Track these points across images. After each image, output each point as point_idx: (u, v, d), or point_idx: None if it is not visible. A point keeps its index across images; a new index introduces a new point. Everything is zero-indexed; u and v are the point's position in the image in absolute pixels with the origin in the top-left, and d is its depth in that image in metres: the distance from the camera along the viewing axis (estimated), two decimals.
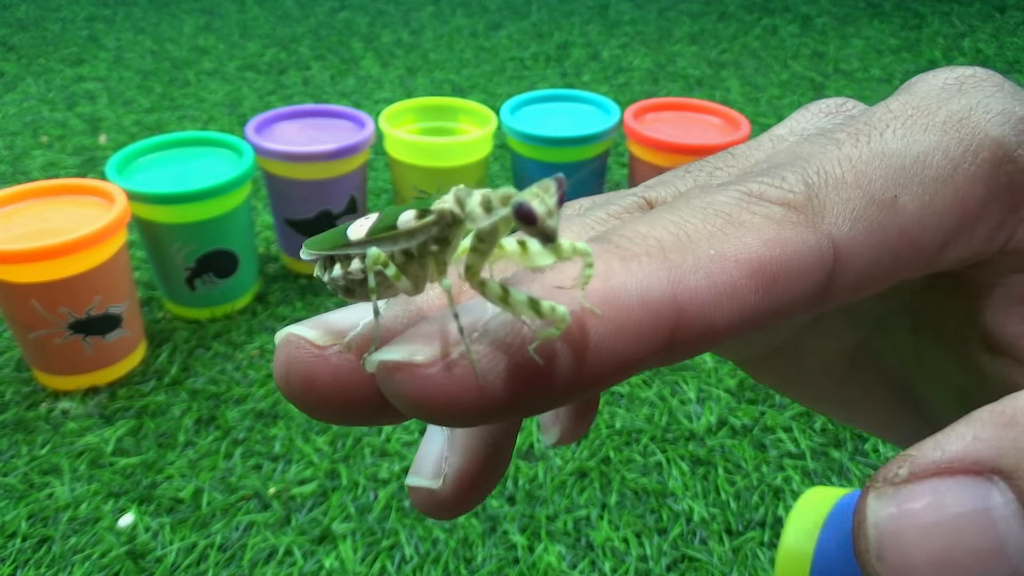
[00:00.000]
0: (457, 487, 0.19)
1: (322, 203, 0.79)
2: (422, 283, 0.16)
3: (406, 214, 0.15)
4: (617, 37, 1.58)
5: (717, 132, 0.84)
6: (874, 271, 0.15)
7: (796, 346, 0.23)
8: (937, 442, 0.13)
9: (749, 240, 0.14)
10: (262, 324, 0.76)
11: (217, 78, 1.33)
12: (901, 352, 0.22)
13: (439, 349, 0.13)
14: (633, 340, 0.13)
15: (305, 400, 0.15)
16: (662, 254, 0.14)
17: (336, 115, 0.86)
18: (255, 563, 0.53)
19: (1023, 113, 0.16)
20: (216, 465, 0.60)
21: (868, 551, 0.13)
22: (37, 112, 1.19)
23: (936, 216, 0.15)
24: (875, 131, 0.16)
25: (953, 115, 0.16)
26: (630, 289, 0.13)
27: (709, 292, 0.14)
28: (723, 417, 0.66)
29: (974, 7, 1.77)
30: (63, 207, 0.66)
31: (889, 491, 0.13)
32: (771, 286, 0.14)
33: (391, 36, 1.56)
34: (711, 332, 0.14)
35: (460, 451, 0.19)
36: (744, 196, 0.15)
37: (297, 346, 0.15)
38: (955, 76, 0.18)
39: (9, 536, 0.55)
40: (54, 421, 0.64)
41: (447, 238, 0.15)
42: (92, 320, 0.64)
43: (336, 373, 0.14)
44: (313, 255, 0.17)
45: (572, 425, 0.23)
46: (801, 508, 0.30)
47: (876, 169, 0.15)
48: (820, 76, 1.40)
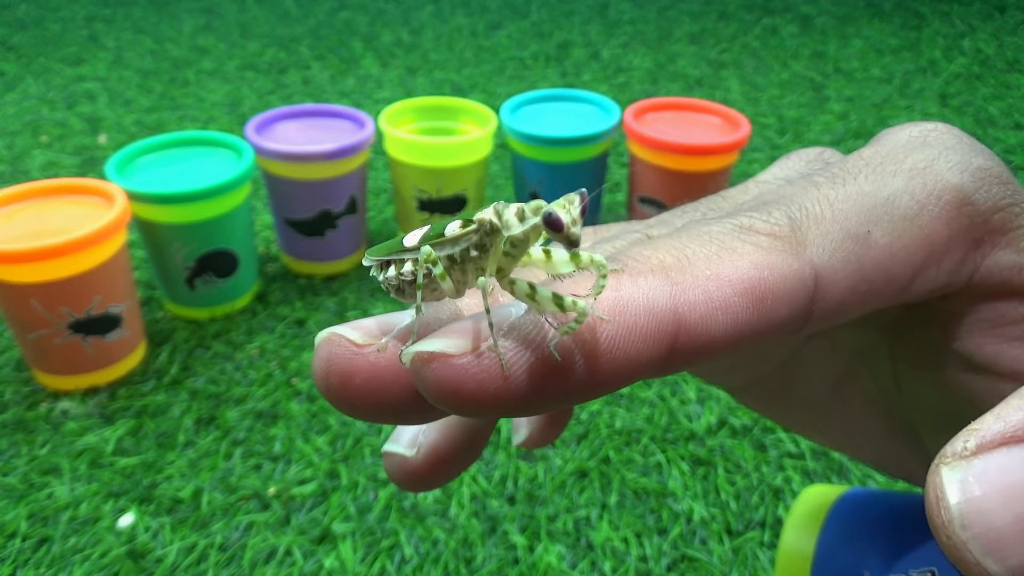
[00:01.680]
0: (428, 460, 0.21)
1: (322, 203, 0.79)
2: (463, 287, 0.18)
3: (452, 224, 0.17)
4: (617, 37, 1.58)
5: (717, 132, 0.84)
6: (851, 297, 0.17)
7: (782, 375, 0.25)
8: (998, 415, 0.14)
9: (740, 263, 0.16)
10: (262, 324, 0.76)
11: (217, 78, 1.33)
12: (881, 380, 0.23)
13: (470, 343, 0.14)
14: (640, 344, 0.15)
15: (343, 395, 0.16)
16: (665, 272, 0.16)
17: (336, 115, 0.86)
18: (255, 563, 0.53)
19: (979, 163, 0.18)
20: (216, 465, 0.60)
21: (951, 522, 0.14)
22: (37, 112, 1.19)
23: (905, 250, 0.17)
24: (849, 175, 0.18)
25: (918, 163, 0.18)
26: (637, 300, 0.15)
27: (706, 307, 0.15)
28: (723, 417, 0.66)
29: (974, 7, 1.77)
30: (63, 207, 0.66)
31: (961, 464, 0.14)
32: (760, 304, 0.16)
33: (391, 36, 1.56)
34: (708, 343, 0.15)
35: (437, 428, 0.21)
36: (736, 227, 0.17)
37: (338, 344, 0.16)
38: (919, 130, 0.20)
39: (9, 536, 0.54)
40: (54, 421, 0.64)
41: (486, 245, 0.17)
42: (92, 320, 0.64)
43: (373, 370, 0.16)
44: (373, 260, 0.19)
45: (543, 429, 0.25)
46: (801, 506, 0.30)
47: (851, 208, 0.17)
48: (820, 76, 1.40)
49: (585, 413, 0.66)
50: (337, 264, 0.84)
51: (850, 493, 0.29)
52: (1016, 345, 0.19)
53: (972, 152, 0.19)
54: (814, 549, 0.28)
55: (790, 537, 0.29)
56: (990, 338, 0.19)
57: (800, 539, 0.28)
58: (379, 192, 1.00)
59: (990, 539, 0.13)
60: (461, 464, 0.21)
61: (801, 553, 0.28)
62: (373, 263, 0.19)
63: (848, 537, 0.27)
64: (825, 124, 1.21)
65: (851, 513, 0.28)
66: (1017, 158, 1.12)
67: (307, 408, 0.66)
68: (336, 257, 0.83)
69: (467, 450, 0.21)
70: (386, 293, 0.20)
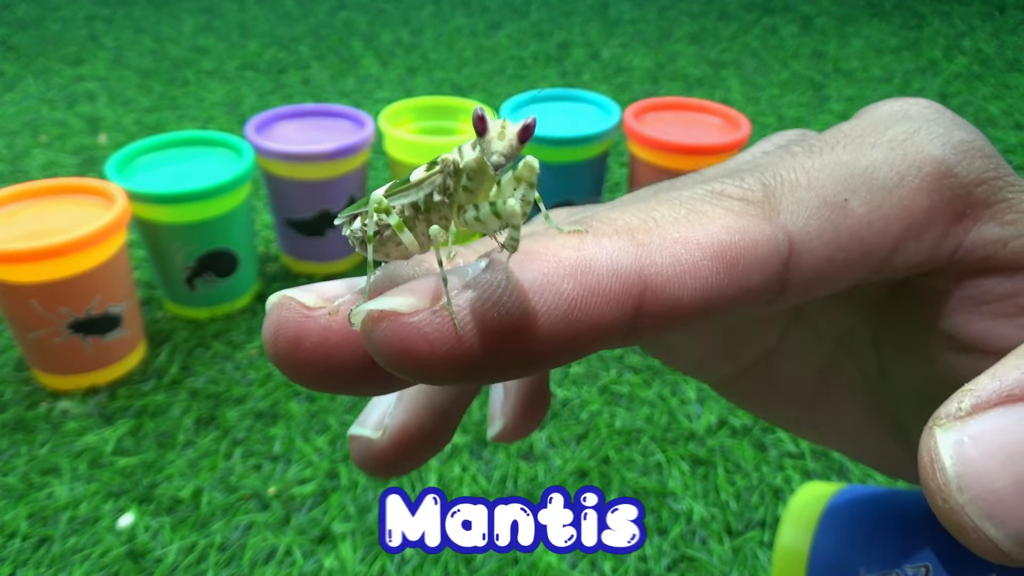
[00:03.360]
0: (394, 442, 0.20)
1: (322, 203, 0.79)
2: (428, 241, 0.17)
3: (417, 169, 0.17)
4: (617, 37, 1.58)
5: (717, 132, 0.84)
6: (827, 267, 0.17)
7: (765, 366, 0.25)
8: (994, 375, 0.14)
9: (711, 227, 0.15)
10: (262, 324, 0.76)
11: (217, 78, 1.33)
12: (865, 368, 0.23)
13: (424, 301, 0.14)
14: (603, 306, 0.14)
15: (292, 360, 0.15)
16: (631, 234, 0.15)
17: (336, 115, 0.86)
18: (255, 563, 0.53)
19: (961, 136, 0.18)
20: (216, 465, 0.60)
21: (947, 485, 0.13)
22: (37, 111, 1.19)
23: (884, 220, 0.17)
24: (827, 146, 0.18)
25: (898, 135, 0.18)
26: (600, 260, 0.14)
27: (673, 270, 0.15)
28: (723, 417, 0.66)
29: (974, 6, 1.77)
30: (63, 207, 0.66)
31: (956, 425, 0.14)
32: (731, 268, 0.15)
33: (391, 36, 1.56)
34: (675, 308, 0.15)
35: (405, 409, 0.20)
36: (707, 192, 0.17)
37: (288, 307, 0.15)
38: (900, 104, 0.19)
39: (9, 536, 0.55)
40: (54, 421, 0.64)
41: (450, 189, 0.16)
42: (92, 320, 0.64)
43: (324, 334, 0.15)
44: (344, 218, 0.18)
45: (517, 420, 0.24)
46: (797, 503, 0.30)
47: (828, 176, 0.17)
48: (820, 76, 1.40)
49: (585, 413, 0.66)
50: (337, 264, 0.84)
51: (846, 490, 0.29)
52: (1002, 322, 0.18)
53: (954, 125, 0.18)
54: (810, 546, 0.28)
55: (786, 534, 0.29)
56: (976, 316, 0.18)
57: (796, 536, 0.29)
58: None
59: (989, 501, 0.13)
60: (430, 448, 0.21)
61: (797, 550, 0.28)
62: (344, 220, 0.18)
63: (844, 534, 0.27)
64: (825, 124, 1.21)
65: (847, 510, 0.28)
66: (1017, 158, 1.12)
67: (307, 408, 0.66)
68: (336, 257, 0.83)
69: (436, 432, 0.20)
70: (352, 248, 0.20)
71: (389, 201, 0.17)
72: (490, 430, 0.25)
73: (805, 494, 0.30)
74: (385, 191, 0.17)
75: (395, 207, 0.17)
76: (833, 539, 0.27)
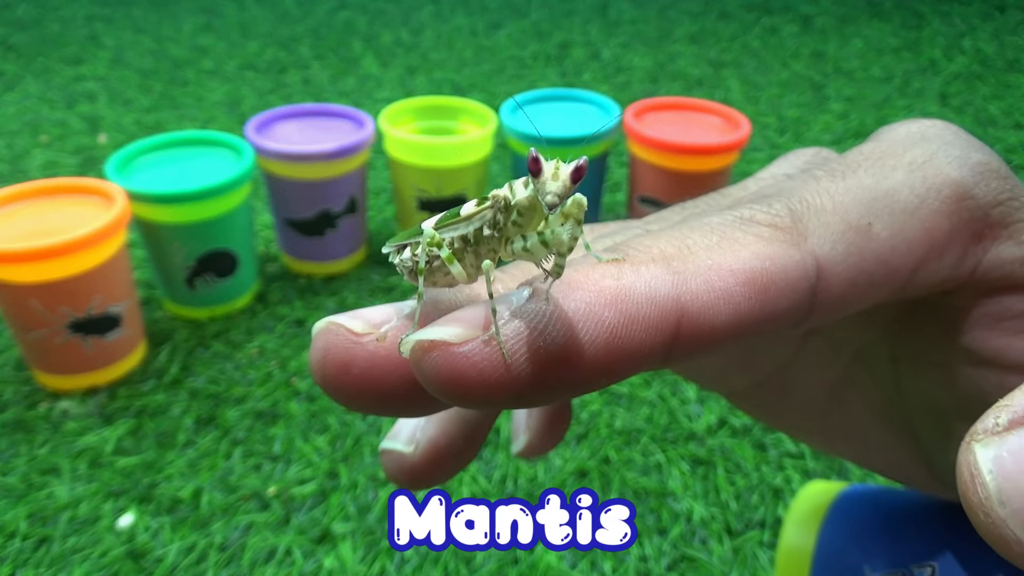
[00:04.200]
0: (426, 456, 0.21)
1: (322, 203, 0.79)
2: (476, 272, 0.17)
3: (468, 203, 0.17)
4: (617, 36, 1.58)
5: (717, 132, 0.84)
6: (852, 290, 0.17)
7: (780, 380, 0.25)
8: None
9: (742, 253, 0.16)
10: (262, 324, 0.76)
11: (217, 77, 1.33)
12: (881, 382, 0.23)
13: (472, 331, 0.14)
14: (642, 333, 0.15)
15: (340, 386, 0.16)
16: (666, 262, 0.16)
17: (336, 115, 0.86)
18: (255, 563, 0.53)
19: (978, 158, 0.18)
20: (216, 465, 0.60)
21: (988, 499, 0.13)
22: (36, 111, 1.19)
23: (906, 243, 0.17)
24: (849, 169, 0.18)
25: (917, 158, 0.18)
26: (640, 288, 0.15)
27: (708, 296, 0.15)
28: (723, 417, 0.66)
29: (974, 6, 1.77)
30: (63, 207, 0.66)
31: (995, 440, 0.14)
32: (762, 294, 0.16)
33: (391, 36, 1.56)
34: (710, 333, 0.15)
35: (436, 424, 0.21)
36: (737, 219, 0.17)
37: (336, 333, 0.16)
38: (917, 126, 0.20)
39: (9, 536, 0.54)
40: (54, 421, 0.64)
41: (499, 223, 0.17)
42: (92, 320, 0.64)
43: (372, 359, 0.16)
44: (392, 247, 0.19)
45: (541, 436, 0.25)
46: (801, 503, 0.30)
47: (852, 200, 0.17)
48: (820, 76, 1.40)
49: (585, 413, 0.66)
50: (337, 264, 0.84)
51: (850, 489, 0.29)
52: (1022, 338, 0.19)
53: (971, 147, 0.19)
54: (814, 545, 0.28)
55: (790, 533, 0.29)
56: (995, 332, 0.19)
57: (800, 535, 0.28)
58: (379, 192, 1.00)
59: None
60: (460, 461, 0.21)
61: (801, 549, 0.28)
62: (392, 249, 0.19)
63: (848, 533, 0.27)
64: (825, 124, 1.21)
65: (851, 509, 0.28)
66: (1017, 158, 1.12)
67: (307, 408, 0.66)
68: (336, 257, 0.83)
69: (466, 446, 0.21)
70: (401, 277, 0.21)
71: (439, 234, 0.17)
72: (514, 446, 0.25)
73: (809, 493, 0.30)
74: (435, 223, 0.18)
75: (445, 239, 0.17)
76: (838, 538, 0.27)
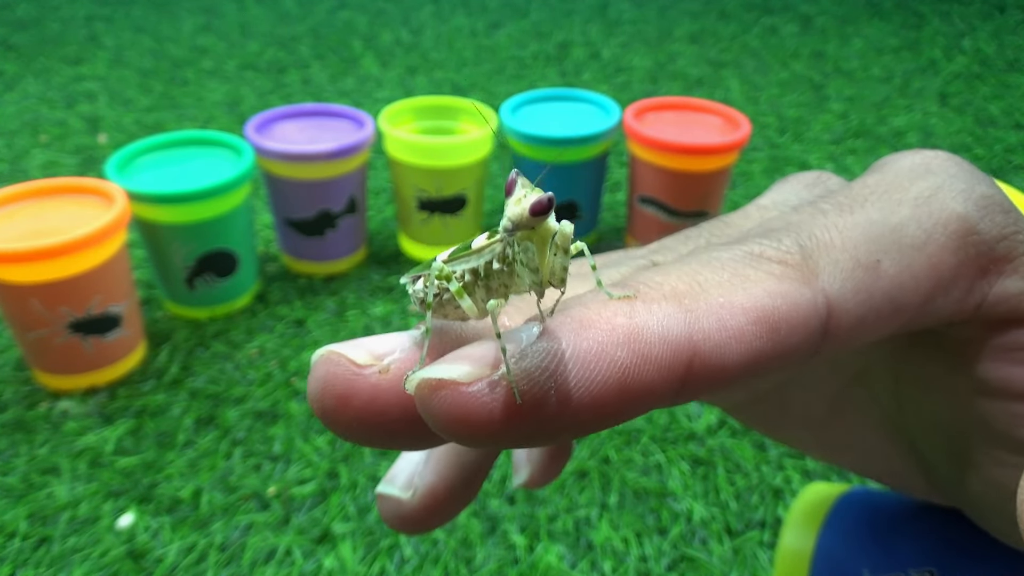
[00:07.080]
0: (424, 504, 0.20)
1: (322, 203, 0.79)
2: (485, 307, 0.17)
3: (479, 236, 0.17)
4: (617, 36, 1.58)
5: (717, 132, 0.84)
6: (861, 326, 0.17)
7: (780, 395, 0.25)
8: None
9: (754, 291, 0.16)
10: (262, 324, 0.76)
11: (217, 77, 1.33)
12: (882, 398, 0.23)
13: (481, 370, 0.14)
14: (654, 373, 0.14)
15: (339, 419, 0.15)
16: (678, 299, 0.15)
17: (336, 115, 0.86)
18: (255, 563, 0.53)
19: (982, 191, 0.19)
20: (216, 465, 0.60)
21: None
22: (36, 111, 1.19)
23: (914, 280, 0.17)
24: (856, 203, 0.18)
25: (923, 192, 0.18)
26: (652, 327, 0.15)
27: (720, 335, 0.15)
28: (723, 417, 0.66)
29: (974, 6, 1.77)
30: (62, 207, 0.66)
31: None
32: (774, 333, 0.16)
33: (391, 36, 1.56)
34: (721, 372, 0.15)
35: (434, 469, 0.20)
36: (746, 255, 0.17)
37: (336, 363, 0.15)
38: (921, 158, 0.20)
39: (8, 536, 0.54)
40: (54, 421, 0.64)
41: (509, 257, 0.16)
42: (92, 320, 0.64)
43: (374, 392, 0.15)
44: (408, 278, 0.18)
45: (543, 469, 0.25)
46: (801, 505, 0.30)
47: (860, 236, 0.17)
48: (820, 76, 1.40)
49: None
50: (337, 264, 0.84)
51: (851, 492, 0.29)
52: None
53: (975, 180, 0.19)
54: (813, 548, 0.28)
55: (790, 535, 0.29)
56: (1002, 363, 0.19)
57: (799, 537, 0.28)
58: (379, 192, 1.00)
59: None
60: (457, 506, 0.21)
61: (800, 551, 0.28)
62: (408, 280, 0.19)
63: (848, 536, 0.27)
64: (825, 124, 1.21)
65: (851, 512, 0.28)
66: (1017, 158, 1.12)
67: (307, 408, 0.66)
68: (336, 257, 0.83)
69: (464, 491, 0.21)
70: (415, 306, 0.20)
71: (450, 267, 0.17)
72: (516, 479, 0.25)
73: (809, 495, 0.30)
74: (448, 256, 0.17)
75: (456, 272, 0.17)
76: (837, 541, 0.27)
